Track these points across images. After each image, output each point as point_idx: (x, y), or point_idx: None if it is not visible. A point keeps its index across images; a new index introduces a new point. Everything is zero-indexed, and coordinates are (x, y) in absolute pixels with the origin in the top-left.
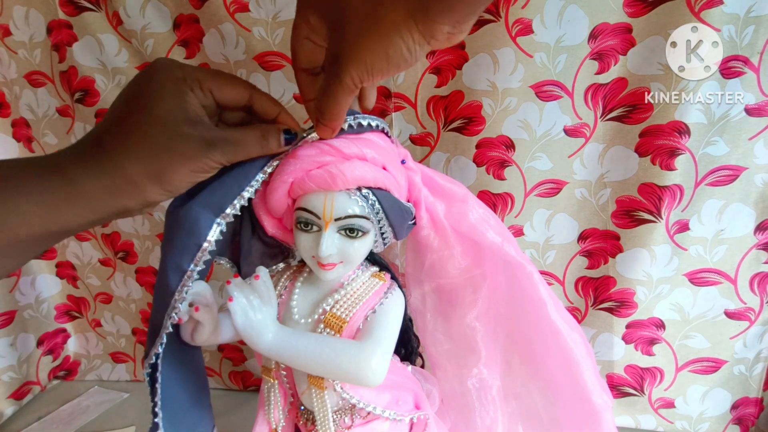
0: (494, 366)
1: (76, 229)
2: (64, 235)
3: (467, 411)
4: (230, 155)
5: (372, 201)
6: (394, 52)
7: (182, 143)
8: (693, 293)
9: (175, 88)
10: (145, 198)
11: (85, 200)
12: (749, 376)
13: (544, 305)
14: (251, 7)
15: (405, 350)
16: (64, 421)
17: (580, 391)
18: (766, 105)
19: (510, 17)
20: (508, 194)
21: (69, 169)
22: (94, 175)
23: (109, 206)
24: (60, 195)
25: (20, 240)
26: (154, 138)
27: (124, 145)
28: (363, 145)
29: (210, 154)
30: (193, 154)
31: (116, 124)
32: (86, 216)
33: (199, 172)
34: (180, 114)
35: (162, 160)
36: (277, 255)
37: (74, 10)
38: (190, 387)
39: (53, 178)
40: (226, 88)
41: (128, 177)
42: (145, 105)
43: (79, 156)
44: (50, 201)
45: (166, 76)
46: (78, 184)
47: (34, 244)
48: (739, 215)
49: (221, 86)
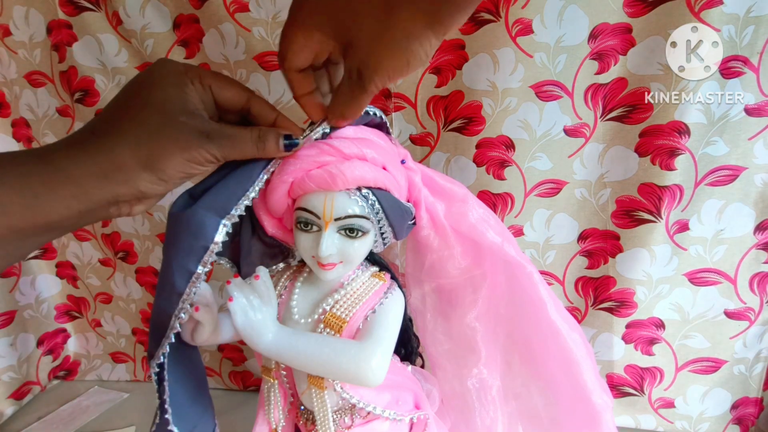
0: (494, 366)
1: (64, 223)
2: (52, 230)
3: (467, 411)
4: (226, 149)
5: (372, 201)
6: (414, 58)
7: (178, 130)
8: (693, 293)
9: (176, 79)
10: (136, 186)
11: (70, 187)
12: (749, 376)
13: (544, 305)
14: (251, 7)
15: (405, 350)
16: (64, 421)
17: (580, 391)
18: (765, 105)
19: (510, 17)
20: (508, 194)
21: (54, 156)
22: (80, 160)
23: (97, 195)
24: (40, 182)
25: (2, 234)
26: (148, 123)
27: (116, 129)
28: (363, 145)
29: (205, 145)
30: (188, 142)
31: (112, 112)
32: (72, 205)
33: (194, 162)
34: (178, 104)
35: (155, 146)
36: (277, 255)
37: (74, 10)
38: (191, 383)
39: (35, 165)
40: (226, 87)
41: (117, 162)
42: (143, 93)
43: (69, 144)
44: (30, 189)
45: (168, 69)
46: (61, 169)
47: (19, 239)
48: (738, 215)
49: (221, 84)
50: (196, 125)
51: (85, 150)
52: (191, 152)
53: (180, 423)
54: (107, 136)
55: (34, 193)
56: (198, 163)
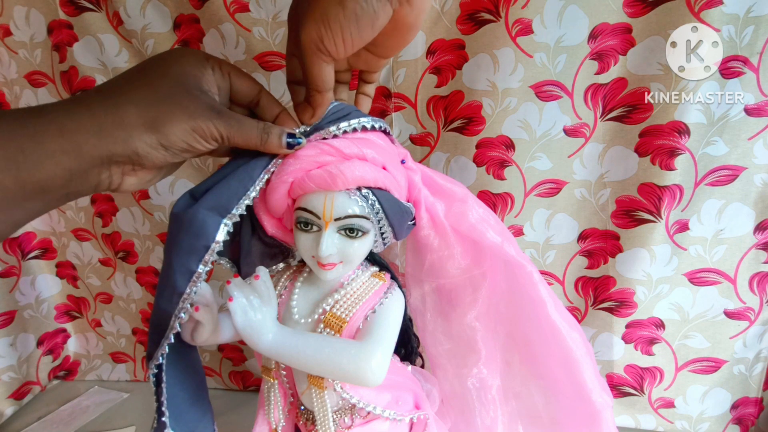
0: (494, 365)
1: (53, 184)
2: (41, 193)
3: (467, 411)
4: (232, 129)
5: (372, 201)
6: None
7: (189, 99)
8: (692, 293)
9: (197, 61)
10: (134, 146)
11: (61, 141)
12: (749, 375)
13: (544, 305)
14: (251, 7)
15: (405, 350)
16: (64, 421)
17: (580, 389)
18: (765, 105)
19: (510, 17)
20: (508, 194)
21: (50, 109)
22: (77, 114)
23: (90, 151)
24: (29, 135)
25: None
26: (160, 89)
27: (125, 90)
28: (363, 145)
29: (213, 119)
30: (197, 112)
31: (125, 77)
32: (62, 161)
33: (197, 134)
34: (194, 80)
35: (163, 109)
36: (276, 255)
37: (75, 10)
38: (190, 385)
39: (27, 119)
40: (243, 77)
41: (120, 118)
42: (161, 66)
43: (69, 100)
44: (14, 143)
45: (190, 51)
46: (54, 121)
47: (6, 203)
48: (738, 215)
49: (239, 73)
50: (207, 101)
51: (86, 105)
52: (197, 122)
53: (178, 426)
54: (114, 95)
55: (19, 148)
56: (201, 135)
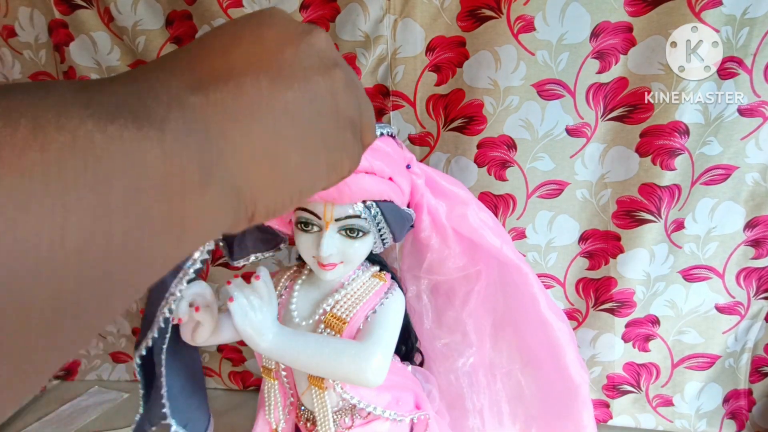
0: (483, 353)
1: None
2: None
3: (459, 399)
4: None
5: (375, 212)
6: None
7: None
8: (685, 289)
9: None
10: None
11: None
12: (736, 367)
13: (537, 302)
14: (245, 2)
15: (405, 347)
16: (64, 421)
17: (563, 371)
18: (758, 106)
19: (512, 14)
20: (509, 195)
21: None
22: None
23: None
24: None
25: None
26: None
27: None
28: (372, 157)
29: None
30: None
31: None
32: None
33: None
34: None
35: None
36: (270, 240)
37: (68, 8)
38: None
39: None
40: None
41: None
42: None
43: None
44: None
45: None
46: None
47: None
48: (730, 213)
49: None
50: None
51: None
52: None
53: (176, 415)
54: None
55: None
56: None
